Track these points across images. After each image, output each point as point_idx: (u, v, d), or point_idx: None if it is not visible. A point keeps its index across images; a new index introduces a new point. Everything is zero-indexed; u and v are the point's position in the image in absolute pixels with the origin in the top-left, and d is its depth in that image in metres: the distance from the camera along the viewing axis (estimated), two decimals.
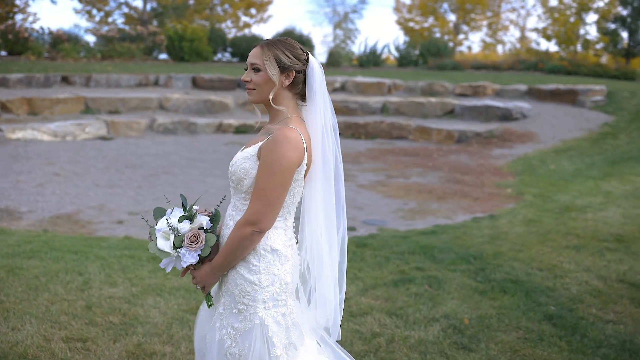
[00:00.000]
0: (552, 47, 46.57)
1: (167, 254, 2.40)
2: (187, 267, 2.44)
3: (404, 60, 21.32)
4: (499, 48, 51.55)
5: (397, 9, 41.62)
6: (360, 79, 17.34)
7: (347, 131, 13.94)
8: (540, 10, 48.66)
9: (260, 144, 2.41)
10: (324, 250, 2.53)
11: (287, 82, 2.45)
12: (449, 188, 8.56)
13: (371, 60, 21.12)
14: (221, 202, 2.58)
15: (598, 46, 50.83)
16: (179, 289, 4.72)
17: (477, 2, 43.98)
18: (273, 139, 2.36)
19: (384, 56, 22.01)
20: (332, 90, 16.87)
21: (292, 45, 2.49)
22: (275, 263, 2.43)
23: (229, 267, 2.43)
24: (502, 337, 4.04)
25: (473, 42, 61.98)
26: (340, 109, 14.98)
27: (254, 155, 2.40)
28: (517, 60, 20.26)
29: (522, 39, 52.83)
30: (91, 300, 4.43)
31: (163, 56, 22.12)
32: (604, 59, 43.99)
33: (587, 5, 48.93)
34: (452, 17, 43.58)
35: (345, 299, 4.55)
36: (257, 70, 2.43)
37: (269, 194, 2.33)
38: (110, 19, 27.31)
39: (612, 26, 53.24)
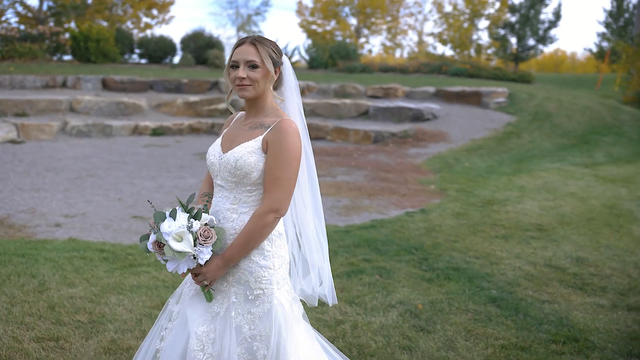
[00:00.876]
0: (447, 51, 48.69)
1: (184, 254, 2.45)
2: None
3: (315, 62, 21.74)
4: (398, 52, 53.26)
5: (299, 12, 42.08)
6: None
7: None
8: (436, 15, 50.47)
9: (261, 137, 2.56)
10: (309, 222, 2.81)
11: (276, 77, 2.65)
12: (376, 185, 8.94)
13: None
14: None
15: (490, 51, 53.61)
16: (140, 287, 4.75)
17: (377, 7, 45.24)
18: (281, 130, 2.54)
19: (294, 59, 22.32)
20: None
21: (274, 43, 2.70)
22: (282, 245, 2.65)
23: (243, 257, 2.58)
24: (454, 319, 4.39)
25: (374, 45, 63.48)
26: None
27: (259, 148, 2.56)
28: (422, 64, 21.18)
29: (420, 43, 54.90)
30: (52, 300, 4.39)
31: (68, 57, 21.33)
32: (494, 62, 46.54)
33: (479, 12, 51.46)
34: (353, 21, 44.60)
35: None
36: (254, 67, 2.56)
37: (287, 182, 2.52)
38: (3, 18, 25.94)
39: (502, 32, 56.23)
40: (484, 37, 55.70)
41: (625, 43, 28.78)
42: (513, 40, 57.32)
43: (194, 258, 2.50)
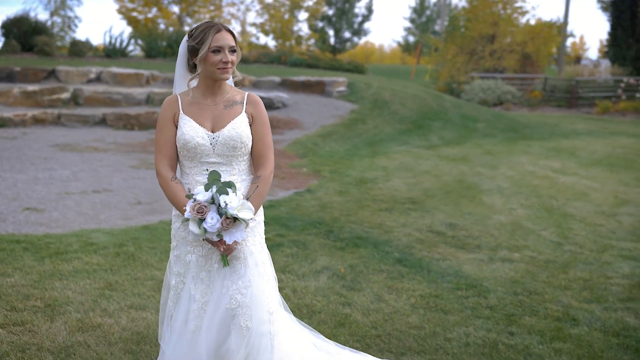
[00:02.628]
0: (270, 41, 49.95)
1: (244, 224, 2.77)
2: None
3: (153, 51, 21.41)
4: None
5: None
6: (116, 69, 17.10)
7: (119, 122, 13.85)
8: (258, 6, 51.19)
9: (243, 111, 2.97)
10: None
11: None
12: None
13: (118, 51, 20.78)
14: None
15: (310, 42, 55.62)
16: (78, 272, 4.88)
17: None
18: (257, 102, 3.03)
19: (130, 48, 21.79)
20: (88, 81, 16.39)
21: None
22: None
23: None
24: (374, 278, 5.11)
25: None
26: (103, 100, 14.74)
27: (246, 122, 2.98)
28: (261, 54, 21.80)
29: (243, 33, 55.44)
30: None
31: None
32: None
33: (299, 3, 53.11)
34: (175, 9, 43.87)
35: None
36: (233, 51, 2.92)
37: (272, 144, 3.05)
38: None
39: (320, 24, 58.49)
40: (304, 29, 57.94)
41: (435, 38, 31.80)
42: (331, 32, 60.55)
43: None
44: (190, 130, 2.92)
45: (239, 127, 2.94)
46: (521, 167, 10.58)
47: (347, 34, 58.04)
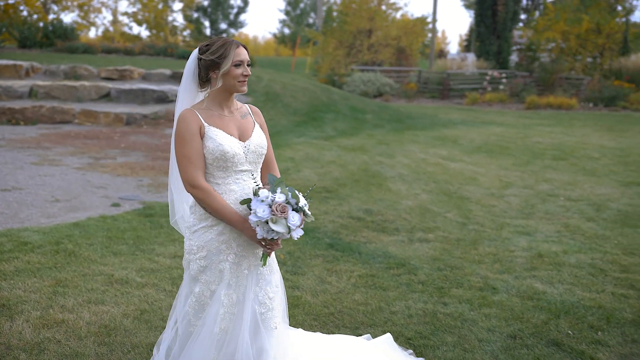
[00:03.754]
0: (143, 31, 48.56)
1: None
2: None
3: (28, 41, 20.30)
4: (93, 31, 51.15)
5: None
6: None
7: (2, 117, 13.17)
8: None
9: (255, 122, 3.18)
10: None
11: None
12: (164, 165, 9.44)
13: None
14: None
15: (185, 33, 54.64)
16: (22, 271, 4.84)
17: None
18: (259, 113, 3.24)
19: None
20: None
21: None
22: None
23: None
24: (313, 263, 5.49)
25: (67, 22, 59.62)
26: None
27: (261, 130, 3.18)
28: (146, 45, 21.32)
29: (115, 22, 53.38)
30: None
31: None
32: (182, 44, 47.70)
33: None
34: None
35: (180, 258, 5.39)
36: (249, 65, 3.11)
37: None
38: None
39: (196, 15, 57.51)
40: (179, 19, 56.81)
41: (315, 31, 32.51)
42: (207, 23, 59.78)
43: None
44: (226, 140, 3.02)
45: (261, 135, 3.15)
46: (414, 155, 11.37)
47: (223, 25, 57.58)
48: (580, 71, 24.71)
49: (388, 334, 3.89)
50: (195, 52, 3.05)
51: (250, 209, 2.87)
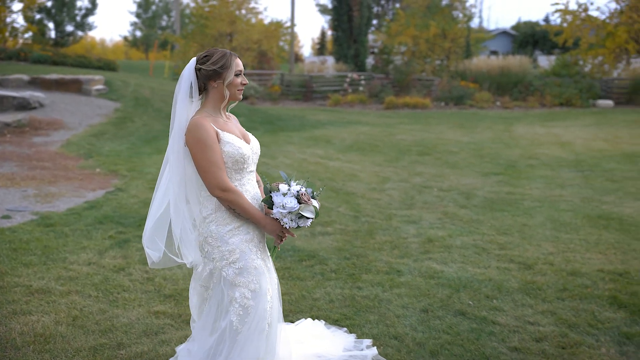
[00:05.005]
0: None
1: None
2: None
3: None
4: None
5: None
6: None
7: None
8: None
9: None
10: None
11: None
12: (46, 174, 9.09)
13: None
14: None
15: (27, 35, 51.30)
16: None
17: None
18: (236, 118, 3.47)
19: None
20: None
21: None
22: None
23: None
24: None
25: None
26: None
27: None
28: None
29: None
30: None
31: None
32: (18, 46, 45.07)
33: None
34: None
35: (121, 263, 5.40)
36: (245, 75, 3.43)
37: None
38: None
39: (38, 16, 54.17)
40: (19, 21, 53.17)
41: (175, 35, 32.03)
42: (51, 25, 56.46)
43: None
44: (241, 144, 3.19)
45: (256, 139, 3.37)
46: (294, 156, 11.81)
47: (69, 28, 54.76)
48: (431, 73, 26.58)
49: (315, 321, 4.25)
50: (193, 62, 3.20)
51: (271, 205, 3.13)
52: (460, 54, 26.68)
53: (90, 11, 55.91)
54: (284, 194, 3.17)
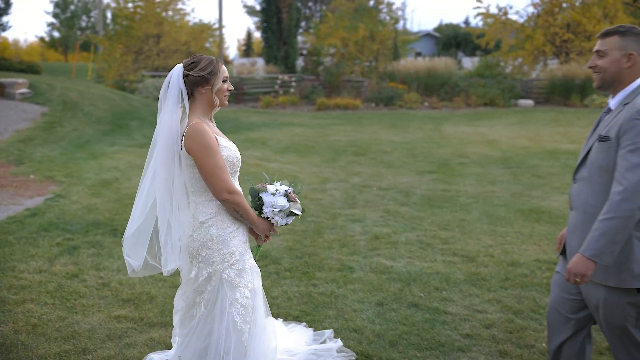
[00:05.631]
0: None
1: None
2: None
3: None
4: None
5: None
6: None
7: None
8: None
9: None
10: None
11: None
12: None
13: None
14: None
15: None
16: None
17: None
18: None
19: None
20: None
21: None
22: None
23: None
24: None
25: None
26: None
27: None
28: None
29: None
30: None
31: None
32: None
33: None
34: None
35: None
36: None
37: None
38: None
39: None
40: None
41: (99, 36, 31.17)
42: None
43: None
44: (236, 148, 3.28)
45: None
46: None
47: None
48: (360, 74, 27.06)
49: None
50: (179, 68, 3.21)
51: (260, 206, 3.25)
52: (389, 55, 27.30)
53: (4, 11, 53.61)
54: (273, 194, 3.28)
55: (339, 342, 4.13)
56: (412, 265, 5.88)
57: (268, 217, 3.31)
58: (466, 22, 63.77)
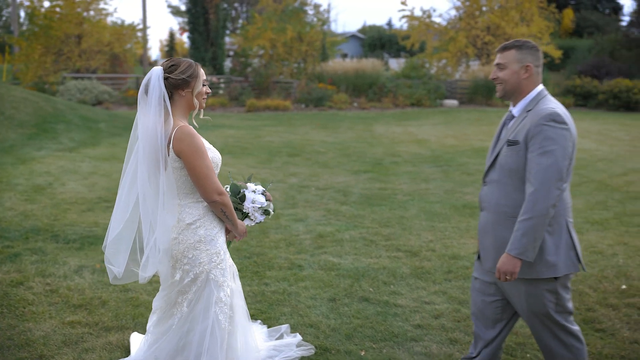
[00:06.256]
0: None
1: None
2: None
3: None
4: None
5: None
6: None
7: None
8: None
9: None
10: None
11: None
12: None
13: None
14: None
15: None
16: None
17: None
18: None
19: None
20: None
21: None
22: None
23: None
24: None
25: None
26: None
27: None
28: None
29: None
30: None
31: None
32: None
33: None
34: None
35: None
36: None
37: None
38: None
39: None
40: None
41: (14, 36, 29.96)
42: None
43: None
44: (217, 150, 3.32)
45: None
46: None
47: None
48: (289, 75, 27.18)
49: None
50: (159, 71, 3.19)
51: (241, 203, 3.34)
52: (317, 57, 27.55)
53: None
54: (254, 191, 3.36)
55: (298, 337, 4.23)
56: (359, 262, 6.05)
57: (248, 214, 3.39)
58: (389, 23, 65.09)
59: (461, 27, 26.65)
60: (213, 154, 3.29)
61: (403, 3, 27.72)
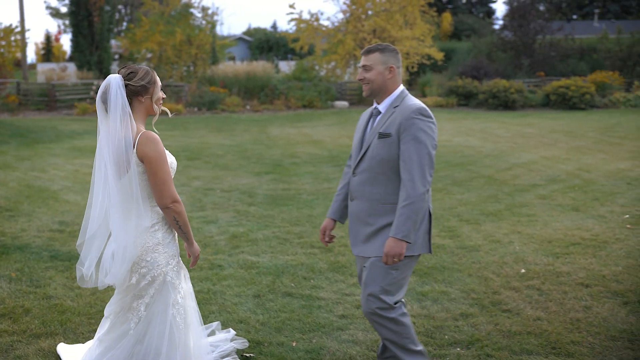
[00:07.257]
0: None
1: None
2: None
3: None
4: None
5: None
6: None
7: None
8: None
9: None
10: None
11: None
12: None
13: None
14: None
15: None
16: None
17: None
18: None
19: None
20: None
21: None
22: None
23: None
24: (48, 274, 5.61)
25: None
26: None
27: None
28: None
29: None
30: None
31: None
32: None
33: None
34: None
35: None
36: None
37: None
38: None
39: None
40: None
41: None
42: None
43: None
44: (173, 156, 3.35)
45: None
46: (64, 167, 11.39)
47: None
48: (179, 79, 26.85)
49: None
50: (117, 78, 3.21)
51: None
52: (207, 60, 27.39)
53: None
54: None
55: (231, 332, 4.40)
56: (277, 259, 6.28)
57: None
58: (274, 26, 65.60)
59: (348, 30, 27.47)
60: (171, 160, 3.37)
61: (291, 6, 28.16)
